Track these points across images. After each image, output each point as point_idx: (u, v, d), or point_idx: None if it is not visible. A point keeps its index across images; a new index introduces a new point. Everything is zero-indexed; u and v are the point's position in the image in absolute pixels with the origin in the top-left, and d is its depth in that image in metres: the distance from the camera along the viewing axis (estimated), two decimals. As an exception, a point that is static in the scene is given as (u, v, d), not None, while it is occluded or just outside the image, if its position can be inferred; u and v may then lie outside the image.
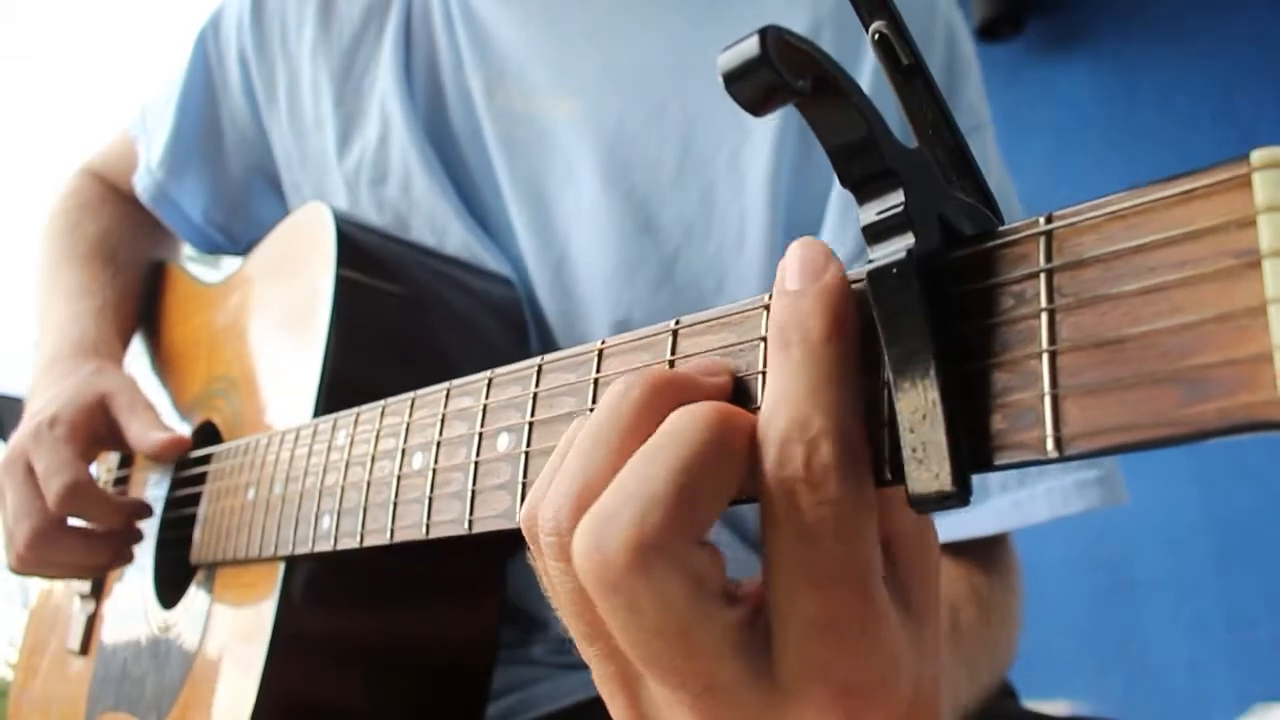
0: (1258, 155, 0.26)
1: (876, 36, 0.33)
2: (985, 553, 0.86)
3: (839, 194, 0.92)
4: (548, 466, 0.39)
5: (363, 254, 0.88)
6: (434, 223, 1.01)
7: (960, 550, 0.85)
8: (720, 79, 0.32)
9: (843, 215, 0.91)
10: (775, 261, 0.91)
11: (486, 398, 0.51)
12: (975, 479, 0.82)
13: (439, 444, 0.54)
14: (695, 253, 0.94)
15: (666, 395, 0.37)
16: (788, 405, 0.34)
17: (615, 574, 0.33)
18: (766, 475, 0.34)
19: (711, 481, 0.34)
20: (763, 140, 0.93)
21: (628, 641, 0.35)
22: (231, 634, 0.80)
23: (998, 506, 0.84)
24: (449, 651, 0.86)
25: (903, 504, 0.37)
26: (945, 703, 0.41)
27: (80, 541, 0.95)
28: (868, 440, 0.35)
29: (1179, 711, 2.64)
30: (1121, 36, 2.97)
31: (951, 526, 0.84)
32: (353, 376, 0.80)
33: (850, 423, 0.34)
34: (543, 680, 0.94)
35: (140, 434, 0.95)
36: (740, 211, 0.93)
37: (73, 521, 0.95)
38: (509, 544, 0.87)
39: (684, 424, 0.35)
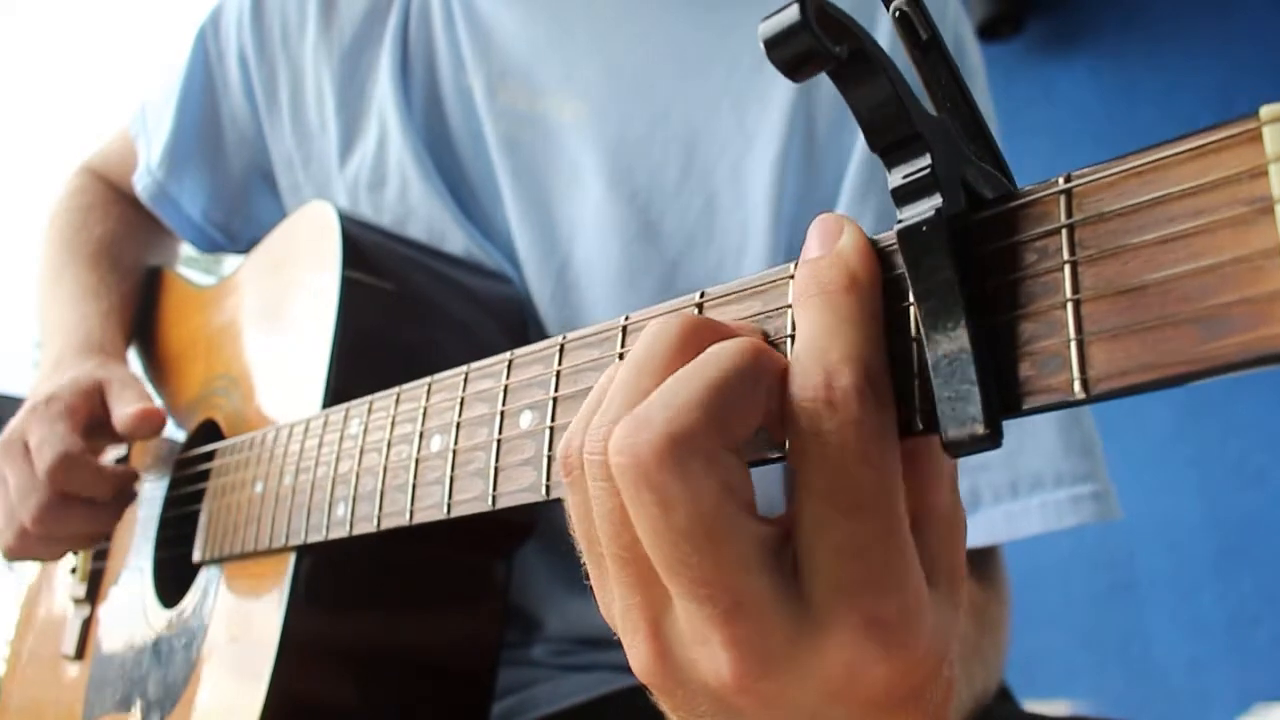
0: (1267, 110, 0.28)
1: (897, 14, 0.35)
2: (979, 564, 0.86)
3: (843, 210, 0.92)
4: (584, 407, 0.41)
5: (367, 253, 0.88)
6: (432, 228, 1.01)
7: None
8: (761, 46, 0.34)
9: None
10: None
11: (508, 378, 0.52)
12: (965, 494, 0.83)
13: (459, 425, 0.55)
14: (697, 260, 0.94)
15: (703, 333, 0.39)
16: (810, 342, 0.36)
17: (648, 470, 0.34)
18: (792, 401, 0.36)
19: (743, 400, 0.36)
20: (765, 151, 0.93)
21: (657, 545, 0.36)
22: (238, 633, 0.81)
23: (989, 518, 0.83)
24: (453, 652, 0.86)
25: (935, 483, 0.39)
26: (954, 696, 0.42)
27: (87, 512, 0.94)
28: (894, 386, 0.36)
29: (1179, 711, 2.64)
30: (1121, 36, 2.99)
31: None
32: (358, 375, 0.81)
33: (870, 354, 0.36)
34: (543, 681, 0.94)
35: (119, 412, 0.94)
36: (742, 221, 0.93)
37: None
38: (515, 538, 0.88)
39: (719, 350, 0.37)
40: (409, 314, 0.89)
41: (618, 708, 0.90)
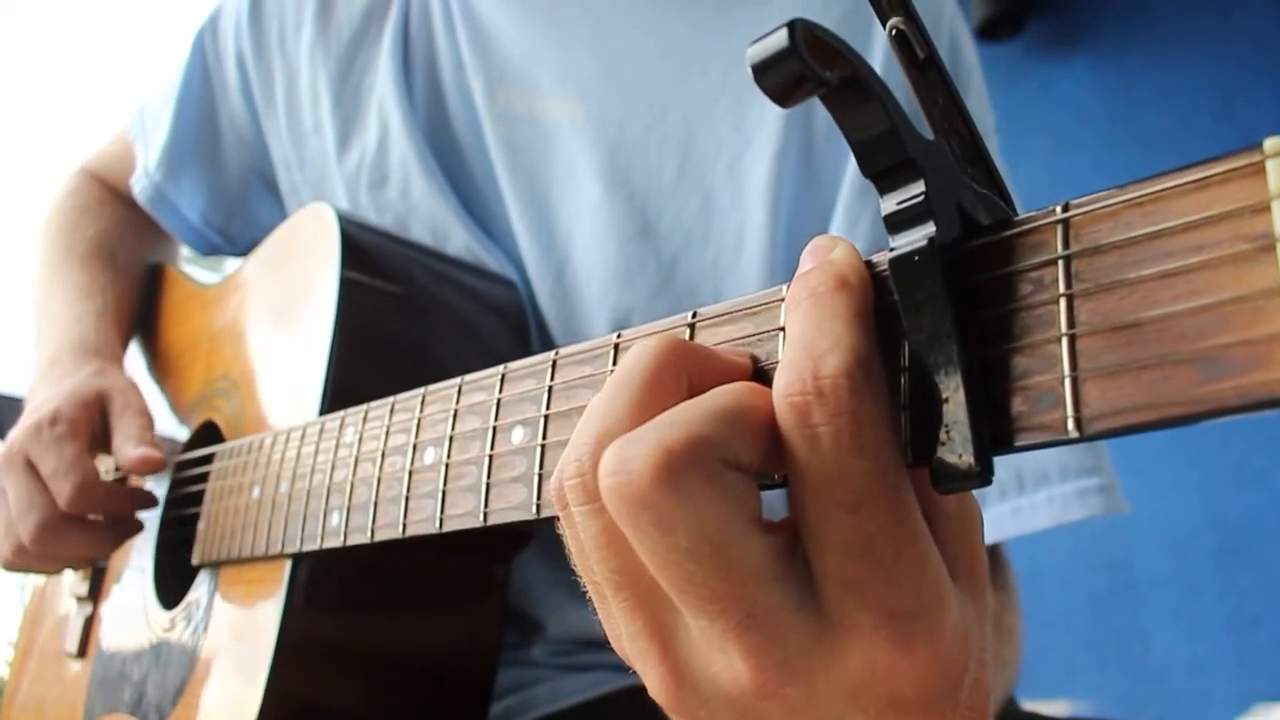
0: (1270, 143, 0.27)
1: (894, 32, 0.34)
2: (990, 569, 0.85)
3: (843, 212, 0.92)
4: (573, 437, 0.39)
5: (366, 255, 0.88)
6: (434, 226, 1.01)
7: None
8: (749, 71, 0.32)
9: (848, 232, 0.92)
10: (772, 272, 0.92)
11: (500, 392, 0.51)
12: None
13: (451, 438, 0.54)
14: (694, 259, 0.95)
15: (687, 354, 0.38)
16: (797, 341, 0.35)
17: (642, 489, 0.33)
18: (780, 400, 0.34)
19: (739, 421, 0.35)
20: (762, 150, 0.93)
21: (660, 566, 0.34)
22: (236, 635, 0.81)
23: (997, 514, 0.83)
24: (452, 654, 0.86)
25: None
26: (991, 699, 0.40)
27: (86, 534, 0.94)
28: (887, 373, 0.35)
29: (1179, 711, 2.64)
30: (1121, 36, 2.98)
31: None
32: (357, 377, 0.81)
33: (860, 343, 0.34)
34: (542, 681, 0.94)
35: (120, 444, 0.94)
36: (739, 220, 0.94)
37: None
38: (514, 544, 0.88)
39: (715, 392, 0.36)
40: (408, 315, 0.89)
41: (618, 708, 0.90)
